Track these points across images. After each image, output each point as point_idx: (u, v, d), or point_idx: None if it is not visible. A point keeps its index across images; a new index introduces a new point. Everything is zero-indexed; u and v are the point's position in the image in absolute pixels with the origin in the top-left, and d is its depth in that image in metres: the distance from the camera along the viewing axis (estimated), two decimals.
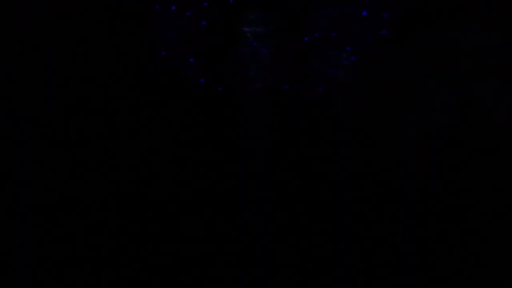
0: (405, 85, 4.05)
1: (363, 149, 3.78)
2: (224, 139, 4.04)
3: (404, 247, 3.04)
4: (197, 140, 3.90)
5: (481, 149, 3.47)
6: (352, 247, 3.05)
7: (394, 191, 3.42)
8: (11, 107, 3.33)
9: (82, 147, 3.26)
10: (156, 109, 3.83)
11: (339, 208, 3.34)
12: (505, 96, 3.65)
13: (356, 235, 3.12)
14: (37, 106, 3.34)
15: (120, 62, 3.65)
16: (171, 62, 4.38)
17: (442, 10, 4.10)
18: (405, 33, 4.19)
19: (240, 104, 5.31)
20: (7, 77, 3.33)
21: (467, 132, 3.61)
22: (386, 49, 4.21)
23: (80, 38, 3.52)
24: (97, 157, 3.31)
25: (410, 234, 3.12)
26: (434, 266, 2.94)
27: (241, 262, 2.94)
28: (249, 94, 5.89)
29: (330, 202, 3.31)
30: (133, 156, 3.43)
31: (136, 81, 3.77)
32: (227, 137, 4.07)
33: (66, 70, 3.52)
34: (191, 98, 4.42)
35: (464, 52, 3.92)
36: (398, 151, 3.74)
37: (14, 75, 3.41)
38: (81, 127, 3.39)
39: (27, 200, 3.05)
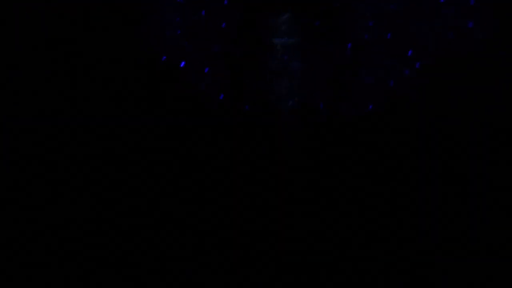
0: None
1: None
2: (253, 168, 3.54)
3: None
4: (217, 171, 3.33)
5: None
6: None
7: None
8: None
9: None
10: (157, 131, 3.36)
11: None
12: None
13: None
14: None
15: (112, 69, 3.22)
16: (176, 71, 3.93)
17: None
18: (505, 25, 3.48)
19: (269, 126, 4.74)
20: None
21: None
22: (476, 49, 3.61)
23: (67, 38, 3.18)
24: None
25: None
26: None
27: None
28: (280, 115, 5.32)
29: None
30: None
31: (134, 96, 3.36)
32: (255, 166, 3.64)
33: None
34: (206, 117, 3.81)
35: None
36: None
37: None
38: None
39: None
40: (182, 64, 4.15)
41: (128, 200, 2.79)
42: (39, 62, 3.06)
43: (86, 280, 2.60)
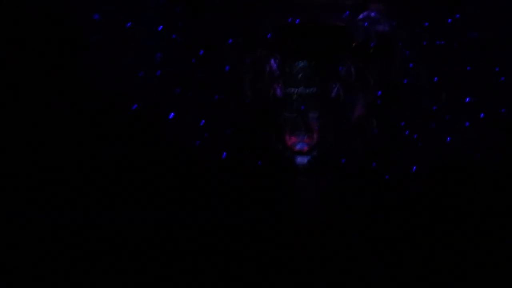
0: None
1: None
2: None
3: None
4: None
5: None
6: None
7: None
8: None
9: None
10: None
11: None
12: None
13: None
14: None
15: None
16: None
17: None
18: None
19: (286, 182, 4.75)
20: None
21: None
22: None
23: None
24: None
25: None
26: None
27: None
28: (295, 169, 5.44)
29: None
30: None
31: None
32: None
33: None
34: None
35: None
36: None
37: None
38: None
39: None
40: (224, 155, 3.97)
41: None
42: None
43: None
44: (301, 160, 6.48)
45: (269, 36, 5.43)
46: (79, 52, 3.13)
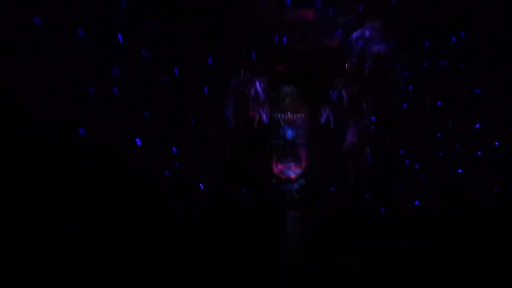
0: None
1: None
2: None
3: None
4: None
5: None
6: None
7: None
8: None
9: None
10: None
11: None
12: None
13: None
14: None
15: None
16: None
17: None
18: None
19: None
20: None
21: None
22: None
23: None
24: None
25: None
26: None
27: None
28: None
29: None
30: None
31: None
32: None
33: None
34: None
35: None
36: None
37: None
38: None
39: None
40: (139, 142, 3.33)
41: None
42: None
43: None
44: (289, 188, 6.00)
45: (253, 55, 4.97)
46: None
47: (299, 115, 6.03)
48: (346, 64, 5.41)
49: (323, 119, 5.78)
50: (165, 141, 3.76)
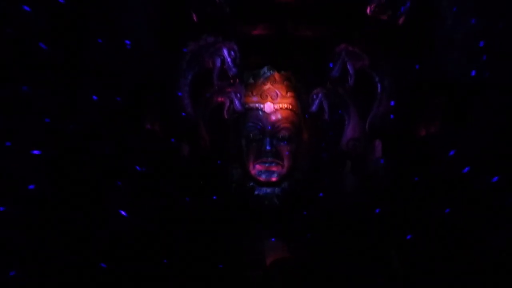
0: None
1: None
2: None
3: None
4: None
5: None
6: None
7: None
8: None
9: None
10: None
11: None
12: None
13: None
14: None
15: None
16: None
17: None
18: None
19: None
20: None
21: None
22: None
23: None
24: None
25: None
26: None
27: None
28: None
29: None
30: None
31: None
32: None
33: None
34: None
35: None
36: None
37: None
38: None
39: None
40: None
41: None
42: None
43: None
44: (269, 193, 4.92)
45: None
46: None
47: (281, 104, 4.93)
48: (370, 7, 3.89)
49: (314, 107, 4.66)
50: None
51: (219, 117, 4.62)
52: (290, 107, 4.84)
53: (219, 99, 4.52)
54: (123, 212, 3.01)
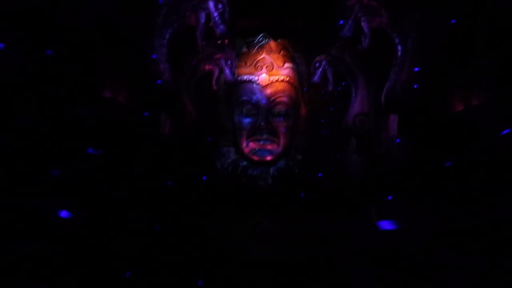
0: None
1: None
2: None
3: None
4: None
5: None
6: None
7: None
8: None
9: None
10: None
11: None
12: None
13: None
14: None
15: None
16: None
17: None
18: None
19: None
20: None
21: None
22: None
23: None
24: None
25: None
26: None
27: None
28: None
29: None
30: None
31: None
32: None
33: None
34: None
35: None
36: None
37: None
38: None
39: None
40: None
41: None
42: None
43: None
44: (263, 173, 4.50)
45: None
46: None
47: (277, 76, 4.43)
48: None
49: (316, 77, 4.17)
50: None
51: (208, 88, 4.12)
52: (287, 79, 4.35)
53: (207, 67, 3.99)
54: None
